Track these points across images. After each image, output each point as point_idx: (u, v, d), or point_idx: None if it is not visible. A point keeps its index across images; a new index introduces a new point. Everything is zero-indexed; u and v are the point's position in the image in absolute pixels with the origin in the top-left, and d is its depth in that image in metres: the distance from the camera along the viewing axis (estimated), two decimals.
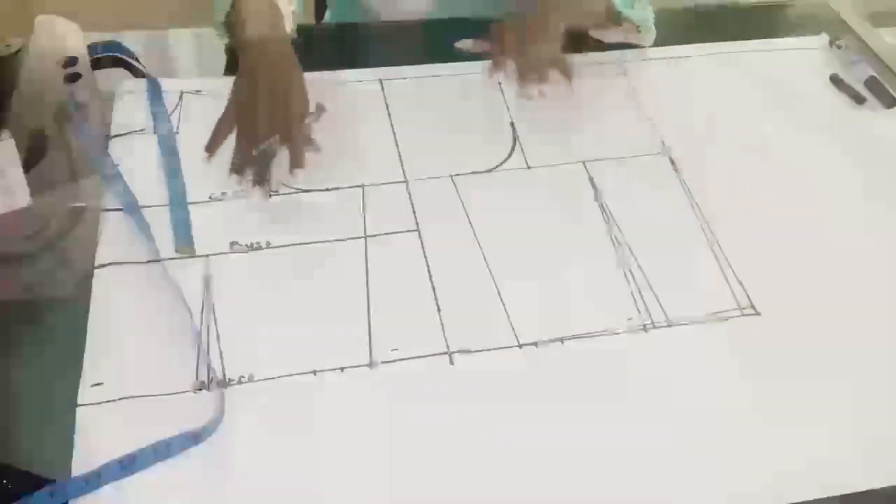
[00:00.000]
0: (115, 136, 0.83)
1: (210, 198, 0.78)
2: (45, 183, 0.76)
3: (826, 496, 0.61)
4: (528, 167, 0.84)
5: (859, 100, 0.95)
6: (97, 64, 0.90)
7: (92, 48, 0.90)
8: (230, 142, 0.80)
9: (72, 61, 0.88)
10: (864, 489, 0.61)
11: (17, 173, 0.75)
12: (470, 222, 0.78)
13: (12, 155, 0.76)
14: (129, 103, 0.86)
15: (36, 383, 0.64)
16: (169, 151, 0.81)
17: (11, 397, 0.64)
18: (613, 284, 0.74)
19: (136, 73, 0.90)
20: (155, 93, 0.87)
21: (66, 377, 0.63)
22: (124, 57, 0.91)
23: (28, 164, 0.77)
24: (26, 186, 0.75)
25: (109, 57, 0.91)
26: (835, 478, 0.62)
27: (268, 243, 0.74)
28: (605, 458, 0.62)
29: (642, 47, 0.98)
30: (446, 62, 0.94)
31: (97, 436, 0.60)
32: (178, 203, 0.76)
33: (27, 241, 0.72)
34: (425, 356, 0.67)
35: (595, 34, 0.98)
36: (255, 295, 0.70)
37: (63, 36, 0.91)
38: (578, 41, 0.97)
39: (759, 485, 0.61)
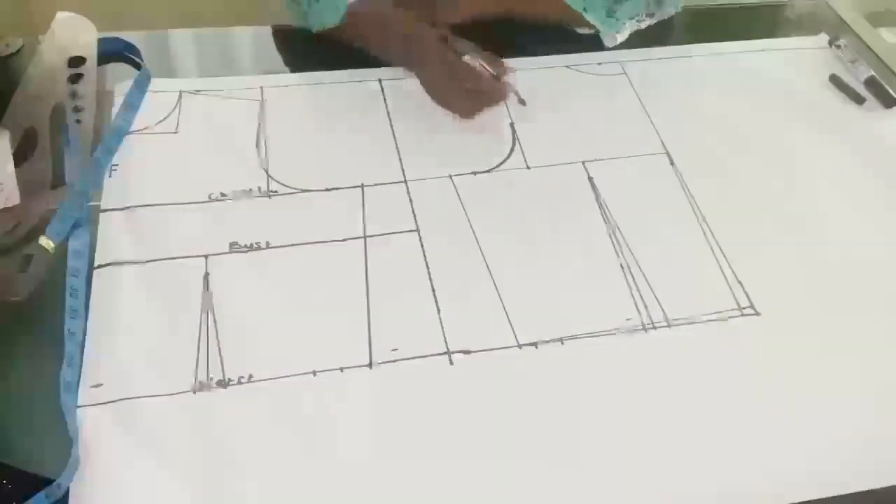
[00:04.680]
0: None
1: (210, 198, 0.78)
2: (24, 183, 0.76)
3: (826, 496, 0.60)
4: (528, 167, 0.84)
5: (859, 100, 0.95)
6: (102, 60, 0.90)
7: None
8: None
9: (78, 61, 0.88)
10: (864, 489, 0.61)
11: (8, 172, 0.75)
12: (469, 222, 0.78)
13: (5, 153, 0.75)
14: None
15: (36, 383, 0.64)
16: (108, 140, 0.80)
17: (11, 397, 0.64)
18: (613, 284, 0.74)
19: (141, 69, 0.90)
20: (140, 85, 0.87)
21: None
22: (128, 54, 0.92)
23: (14, 162, 0.76)
24: (16, 185, 0.75)
25: (113, 53, 0.91)
26: (835, 478, 0.62)
27: (267, 243, 0.74)
28: (605, 457, 0.62)
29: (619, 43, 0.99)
30: None
31: (97, 436, 0.60)
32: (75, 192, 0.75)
33: None
34: (425, 356, 0.67)
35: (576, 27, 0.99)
36: (255, 295, 0.70)
37: (77, 35, 0.91)
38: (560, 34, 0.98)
39: (759, 485, 0.61)
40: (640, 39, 1.00)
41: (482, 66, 0.84)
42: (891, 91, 0.95)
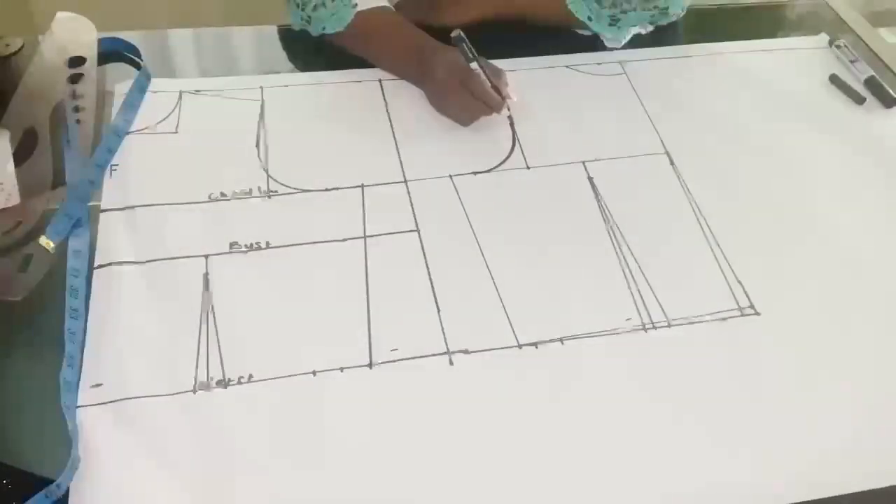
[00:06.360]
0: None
1: (210, 198, 0.78)
2: (24, 183, 0.76)
3: (826, 496, 0.60)
4: (528, 167, 0.84)
5: (859, 100, 0.95)
6: (102, 60, 0.90)
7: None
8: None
9: (78, 61, 0.88)
10: (863, 489, 0.61)
11: (8, 171, 0.75)
12: (469, 222, 0.78)
13: (5, 153, 0.75)
14: None
15: (36, 383, 0.64)
16: (108, 140, 0.81)
17: (11, 397, 0.64)
18: (613, 284, 0.74)
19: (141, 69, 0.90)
20: (140, 85, 0.87)
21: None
22: (128, 54, 0.92)
23: (15, 162, 0.76)
24: (16, 185, 0.75)
25: (113, 53, 0.92)
26: (834, 478, 0.62)
27: (267, 243, 0.74)
28: (605, 457, 0.62)
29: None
30: None
31: (97, 436, 0.60)
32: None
33: None
34: (425, 356, 0.67)
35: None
36: (255, 295, 0.70)
37: (77, 35, 0.91)
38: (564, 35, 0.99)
39: (759, 485, 0.61)
40: (640, 39, 1.00)
41: (486, 76, 0.84)
42: (891, 91, 0.95)
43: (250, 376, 0.65)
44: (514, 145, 0.86)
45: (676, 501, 0.60)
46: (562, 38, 0.99)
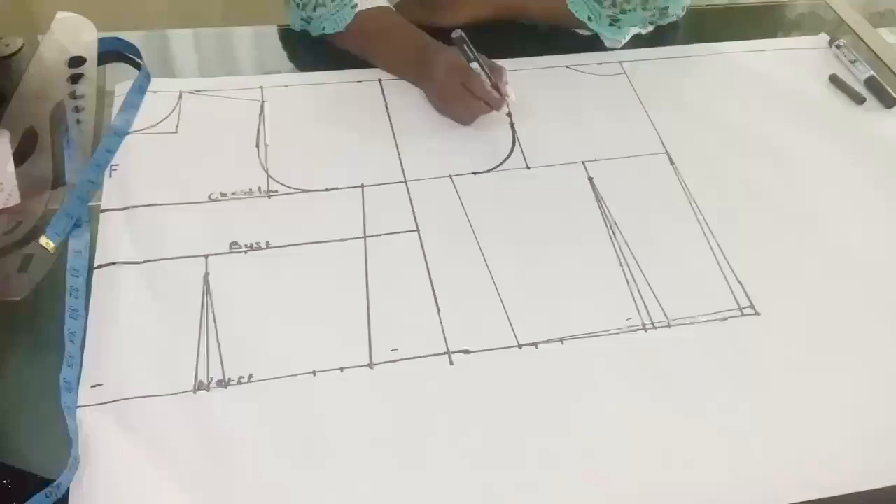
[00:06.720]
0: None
1: (209, 198, 0.78)
2: (24, 183, 0.76)
3: (826, 496, 0.60)
4: (528, 167, 0.84)
5: (859, 100, 0.95)
6: (102, 60, 0.90)
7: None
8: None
9: (78, 61, 0.88)
10: (863, 489, 0.61)
11: (8, 171, 0.75)
12: (469, 222, 0.78)
13: (5, 153, 0.75)
14: None
15: (36, 383, 0.64)
16: (108, 140, 0.81)
17: (11, 397, 0.64)
18: (613, 284, 0.74)
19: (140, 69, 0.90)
20: (140, 86, 0.87)
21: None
22: (128, 54, 0.92)
23: (15, 162, 0.76)
24: (16, 185, 0.75)
25: (113, 53, 0.92)
26: (835, 478, 0.62)
27: (267, 243, 0.74)
28: (605, 457, 0.62)
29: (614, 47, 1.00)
30: None
31: (97, 436, 0.60)
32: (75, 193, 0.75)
33: None
34: (425, 356, 0.67)
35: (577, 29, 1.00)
36: (255, 295, 0.70)
37: (77, 35, 0.91)
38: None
39: (759, 485, 0.61)
40: (640, 39, 1.00)
41: (486, 75, 0.84)
42: (891, 91, 0.95)
43: (250, 376, 0.65)
44: (514, 145, 0.86)
45: (675, 500, 0.60)
46: (562, 38, 0.99)
